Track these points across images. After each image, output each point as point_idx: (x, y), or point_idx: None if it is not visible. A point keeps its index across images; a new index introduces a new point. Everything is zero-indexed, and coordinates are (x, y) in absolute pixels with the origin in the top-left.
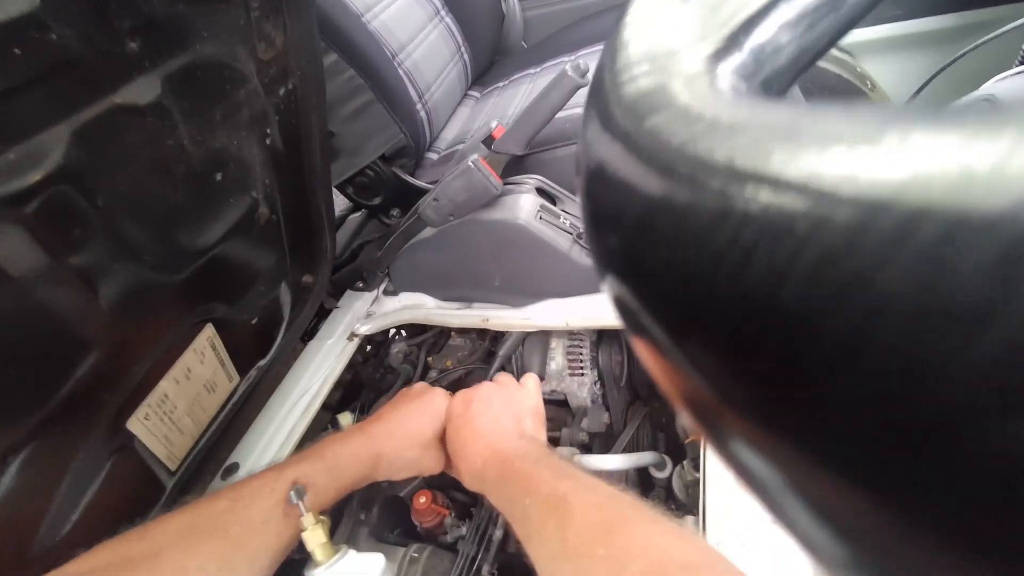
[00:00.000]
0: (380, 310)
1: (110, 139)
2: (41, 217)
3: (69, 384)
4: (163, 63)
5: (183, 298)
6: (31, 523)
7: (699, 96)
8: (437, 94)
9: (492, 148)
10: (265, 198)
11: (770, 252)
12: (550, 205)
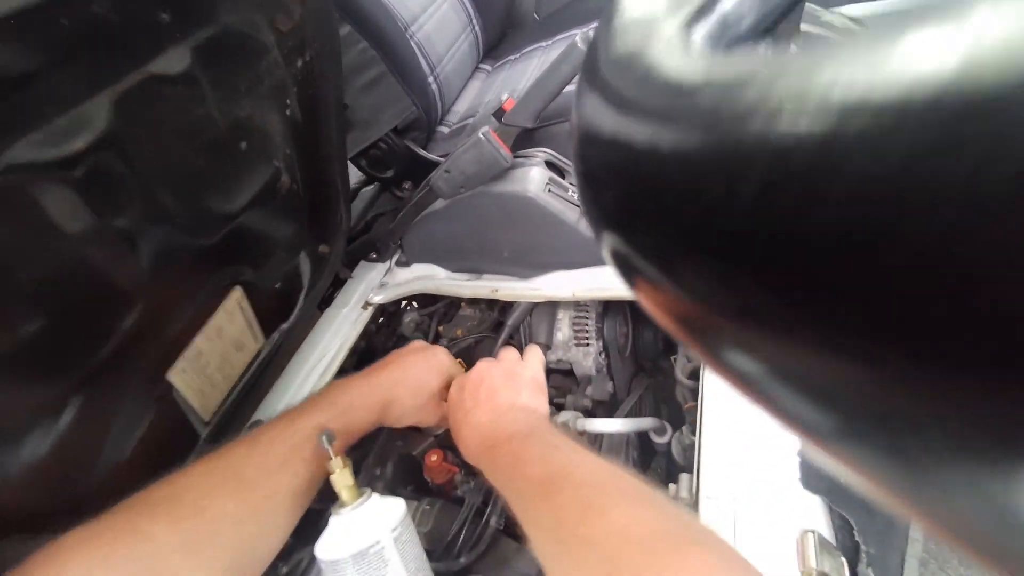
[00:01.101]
0: (393, 280)
1: (146, 108)
2: (87, 180)
3: (116, 336)
4: (192, 34)
5: (213, 260)
6: (85, 464)
7: (672, 55)
8: (448, 67)
9: (502, 121)
10: (286, 168)
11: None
12: (559, 178)
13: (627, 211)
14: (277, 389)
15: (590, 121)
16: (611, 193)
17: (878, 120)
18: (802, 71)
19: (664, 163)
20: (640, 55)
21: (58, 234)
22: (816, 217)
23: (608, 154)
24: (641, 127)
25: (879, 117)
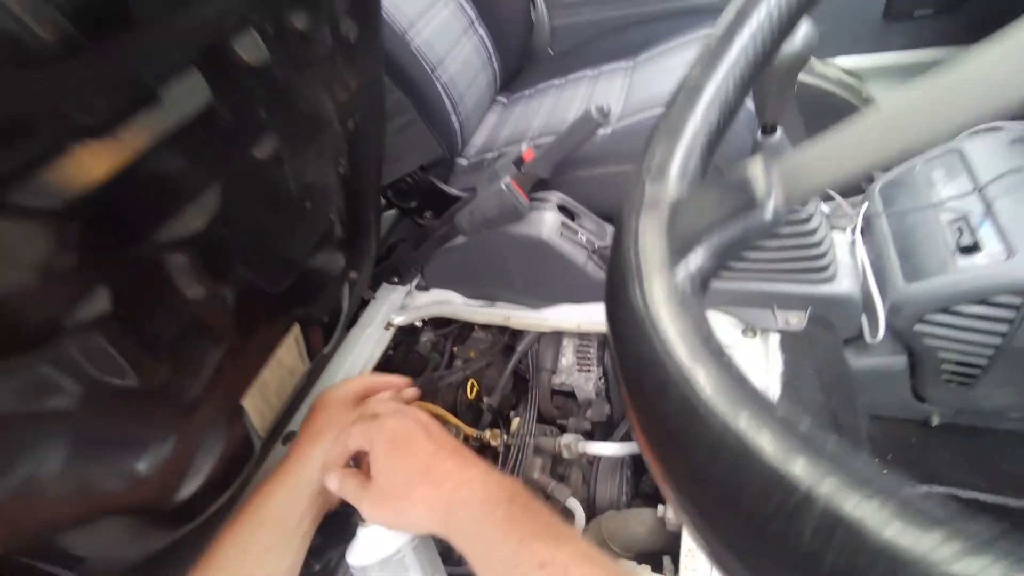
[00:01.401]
0: (413, 303)
1: (245, 187)
2: (203, 252)
3: (211, 373)
4: (278, 123)
5: (282, 304)
6: (182, 474)
7: (663, 293)
8: (469, 104)
9: (522, 170)
10: (339, 219)
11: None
12: (569, 221)
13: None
14: (309, 402)
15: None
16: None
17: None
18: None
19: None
20: (642, 288)
21: (180, 297)
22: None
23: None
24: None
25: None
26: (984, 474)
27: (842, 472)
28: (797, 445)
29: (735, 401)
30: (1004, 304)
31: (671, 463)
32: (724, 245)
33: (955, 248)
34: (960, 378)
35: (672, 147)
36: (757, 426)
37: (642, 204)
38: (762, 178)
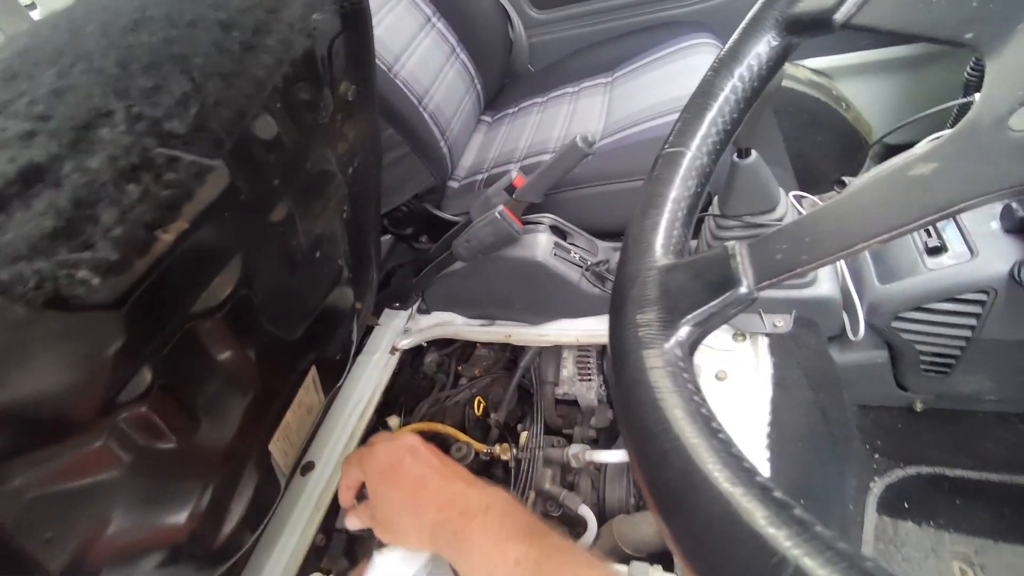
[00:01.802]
0: (416, 327)
1: (263, 250)
2: (229, 316)
3: (241, 421)
4: (290, 187)
5: (300, 350)
6: (220, 520)
7: (659, 360)
8: (456, 128)
9: (514, 196)
10: (346, 263)
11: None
12: (562, 241)
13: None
14: (323, 432)
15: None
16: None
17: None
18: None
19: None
20: (644, 360)
21: (211, 359)
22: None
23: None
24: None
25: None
26: (968, 454)
27: (812, 540)
28: (784, 521)
29: (730, 477)
30: (971, 300)
31: (676, 525)
32: (707, 317)
33: (923, 250)
34: (937, 368)
35: (656, 219)
36: (748, 498)
37: (636, 277)
38: (737, 259)
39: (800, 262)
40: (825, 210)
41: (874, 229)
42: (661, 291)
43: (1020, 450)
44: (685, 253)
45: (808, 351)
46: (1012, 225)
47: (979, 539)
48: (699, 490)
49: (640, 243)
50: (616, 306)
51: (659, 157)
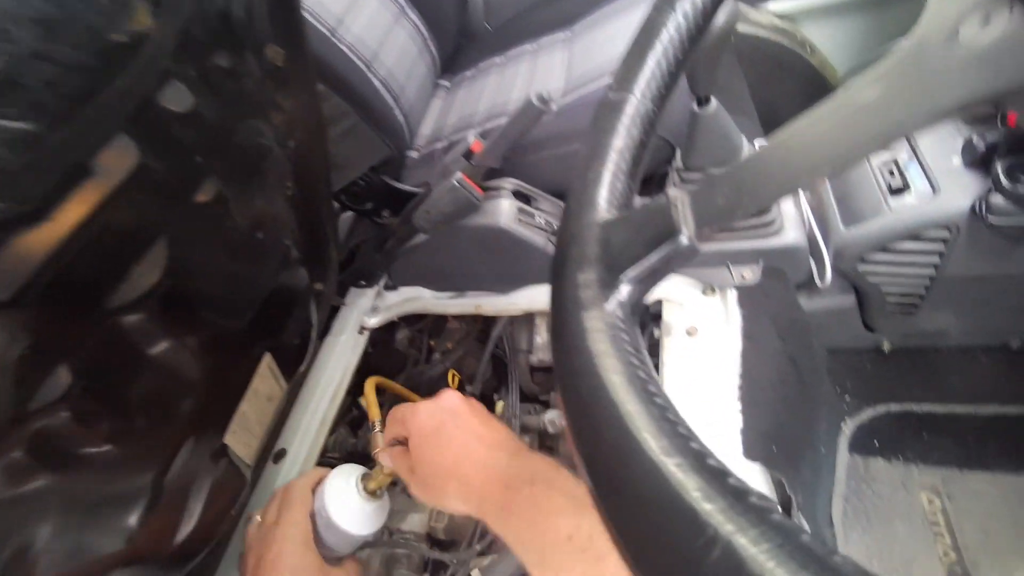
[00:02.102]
0: (384, 304)
1: (192, 234)
2: (159, 306)
3: (187, 416)
4: (217, 163)
5: (249, 339)
6: (175, 521)
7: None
8: (411, 94)
9: (472, 161)
10: (293, 242)
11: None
12: (526, 206)
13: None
14: (294, 418)
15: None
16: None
17: None
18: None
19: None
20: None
21: (143, 355)
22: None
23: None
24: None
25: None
26: (934, 389)
27: (745, 514)
28: (715, 495)
29: (664, 446)
30: (934, 238)
31: (609, 501)
32: (648, 273)
33: (886, 190)
34: (903, 307)
35: (600, 171)
36: (682, 471)
37: (577, 233)
38: (678, 209)
39: (743, 205)
40: (768, 149)
41: (820, 163)
42: (602, 248)
43: (983, 381)
44: (631, 207)
45: (776, 301)
46: (973, 159)
47: (945, 470)
48: (631, 463)
49: (582, 198)
50: (556, 267)
51: (601, 105)
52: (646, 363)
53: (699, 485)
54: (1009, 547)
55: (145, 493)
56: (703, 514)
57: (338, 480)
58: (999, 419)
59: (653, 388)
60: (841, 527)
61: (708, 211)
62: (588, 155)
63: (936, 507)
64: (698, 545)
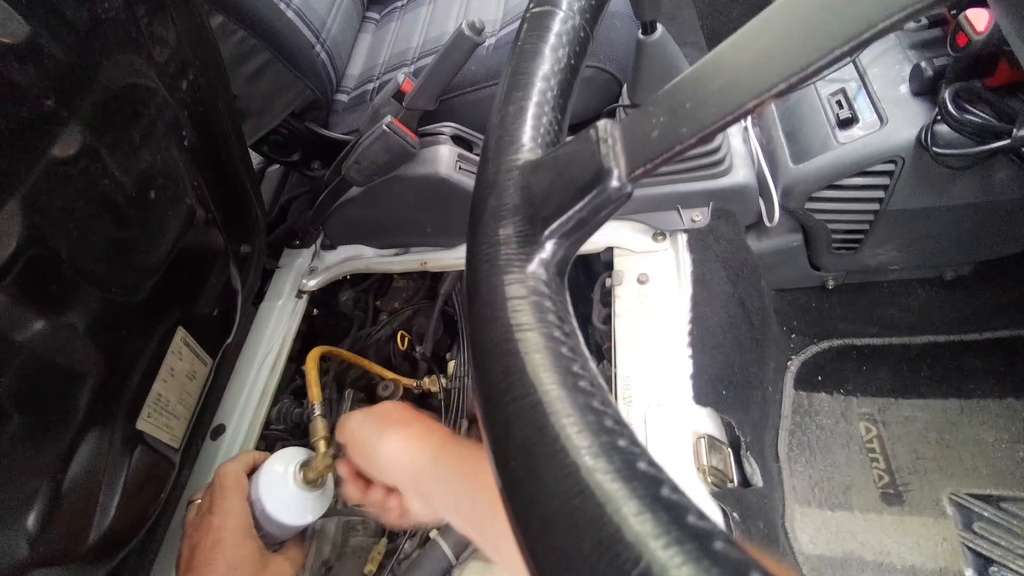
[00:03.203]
0: (322, 264)
1: (56, 196)
2: (23, 283)
3: (84, 406)
4: (78, 109)
5: (152, 312)
6: (87, 518)
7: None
8: (334, 29)
9: (404, 105)
10: (198, 200)
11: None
12: (467, 152)
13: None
14: (231, 391)
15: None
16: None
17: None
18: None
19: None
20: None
21: (11, 340)
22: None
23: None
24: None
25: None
26: (872, 323)
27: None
28: (647, 516)
29: (587, 446)
30: (880, 172)
31: (517, 509)
32: (574, 225)
33: (835, 123)
34: (848, 244)
35: (522, 104)
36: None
37: (496, 179)
38: (607, 144)
39: (680, 137)
40: (707, 64)
41: (770, 77)
42: (523, 196)
43: (919, 313)
44: (558, 146)
45: (726, 243)
46: (920, 87)
47: (881, 399)
48: (545, 465)
49: (501, 137)
50: (472, 220)
51: (522, 23)
52: (573, 335)
53: (627, 496)
54: (937, 467)
55: (42, 493)
56: (630, 535)
57: (275, 469)
58: (930, 347)
59: (578, 369)
60: (787, 461)
61: (641, 146)
62: (508, 84)
63: (872, 434)
64: (623, 568)
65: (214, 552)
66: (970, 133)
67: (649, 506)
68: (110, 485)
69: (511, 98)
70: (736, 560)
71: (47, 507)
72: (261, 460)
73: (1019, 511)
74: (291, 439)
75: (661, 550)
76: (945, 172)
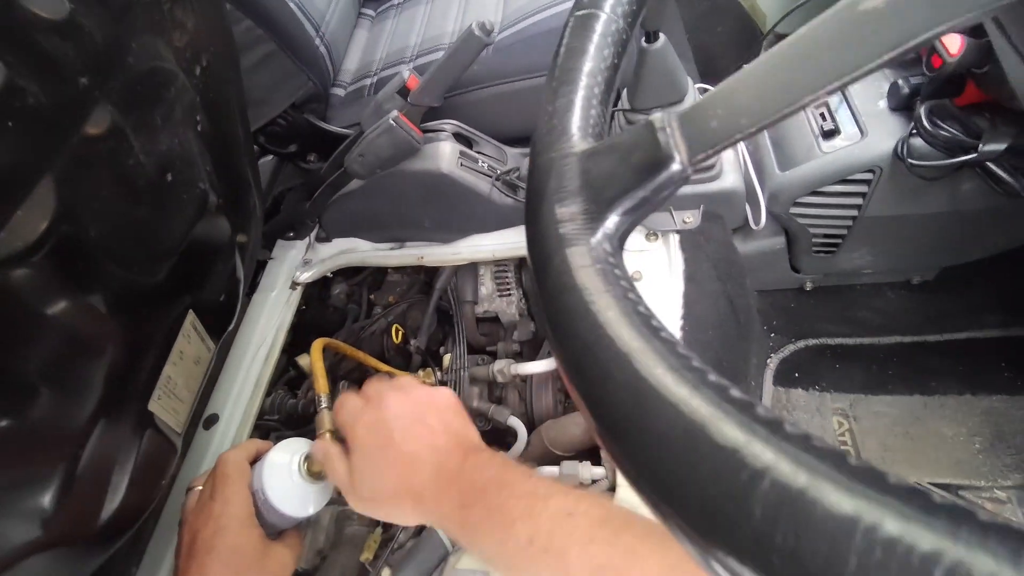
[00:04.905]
0: (316, 257)
1: (86, 174)
2: (54, 259)
3: (102, 384)
4: (109, 88)
5: (166, 294)
6: (98, 499)
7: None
8: (332, 22)
9: (409, 100)
10: (211, 185)
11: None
12: (468, 150)
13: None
14: (224, 381)
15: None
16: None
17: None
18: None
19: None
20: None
21: (38, 316)
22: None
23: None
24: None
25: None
26: (846, 323)
27: (782, 441)
28: (750, 426)
29: (684, 381)
30: (859, 180)
31: (622, 445)
32: (637, 203)
33: (819, 134)
34: (827, 248)
35: (571, 97)
36: (703, 404)
37: (551, 167)
38: (667, 133)
39: (740, 127)
40: (762, 65)
41: (823, 77)
42: (583, 180)
43: (888, 315)
44: (605, 135)
45: (715, 244)
46: (898, 103)
47: (853, 395)
48: (648, 403)
49: (554, 127)
50: (532, 204)
51: (568, 24)
52: (643, 299)
53: (730, 417)
54: (903, 458)
55: (59, 472)
56: (743, 446)
57: (279, 460)
58: (897, 347)
59: (656, 323)
60: None
61: (700, 134)
62: (557, 79)
63: (844, 428)
64: (743, 479)
65: (216, 539)
66: (942, 147)
67: (752, 420)
68: (122, 466)
69: (560, 92)
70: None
71: (63, 486)
72: (264, 449)
73: (975, 497)
74: (284, 429)
75: (770, 453)
76: (918, 182)
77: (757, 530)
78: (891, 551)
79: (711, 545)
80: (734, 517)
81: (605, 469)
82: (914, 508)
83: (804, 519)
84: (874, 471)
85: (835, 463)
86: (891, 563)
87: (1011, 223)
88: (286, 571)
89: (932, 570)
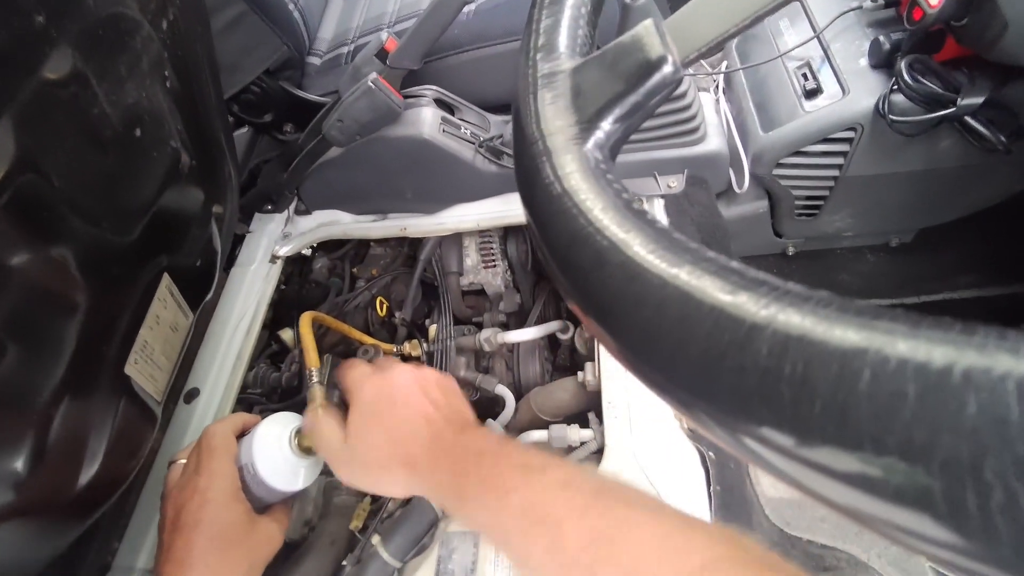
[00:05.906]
0: (296, 230)
1: (47, 119)
2: (16, 207)
3: (74, 341)
4: (68, 30)
5: (140, 255)
6: (75, 463)
7: (578, 167)
8: None
9: (387, 63)
10: (183, 145)
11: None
12: (450, 116)
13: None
14: (204, 355)
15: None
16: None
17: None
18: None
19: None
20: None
21: (2, 266)
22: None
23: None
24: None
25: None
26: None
27: (782, 295)
28: (737, 282)
29: (673, 258)
30: (841, 139)
31: (618, 327)
32: (630, 109)
33: (801, 93)
34: (808, 211)
35: (557, 17)
36: (698, 275)
37: (537, 82)
38: (656, 36)
39: (725, 26)
40: None
41: None
42: (573, 93)
43: (868, 277)
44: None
45: (700, 208)
46: (879, 60)
47: None
48: (642, 277)
49: (539, 47)
50: (519, 122)
51: None
52: (638, 199)
53: (724, 285)
54: None
55: (31, 434)
56: (736, 306)
57: (270, 433)
58: None
59: (651, 217)
60: None
61: (690, 36)
62: (539, 3)
63: None
64: (742, 333)
65: (201, 513)
66: (921, 101)
67: (732, 287)
68: (98, 431)
69: (547, 11)
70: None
71: (36, 448)
72: (251, 423)
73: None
74: (268, 403)
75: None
76: (898, 140)
77: (763, 367)
78: (904, 363)
79: (720, 401)
80: (739, 362)
81: (593, 431)
82: (925, 326)
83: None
84: (879, 308)
85: (840, 305)
86: (907, 368)
87: (986, 181)
88: (273, 544)
89: (952, 370)
